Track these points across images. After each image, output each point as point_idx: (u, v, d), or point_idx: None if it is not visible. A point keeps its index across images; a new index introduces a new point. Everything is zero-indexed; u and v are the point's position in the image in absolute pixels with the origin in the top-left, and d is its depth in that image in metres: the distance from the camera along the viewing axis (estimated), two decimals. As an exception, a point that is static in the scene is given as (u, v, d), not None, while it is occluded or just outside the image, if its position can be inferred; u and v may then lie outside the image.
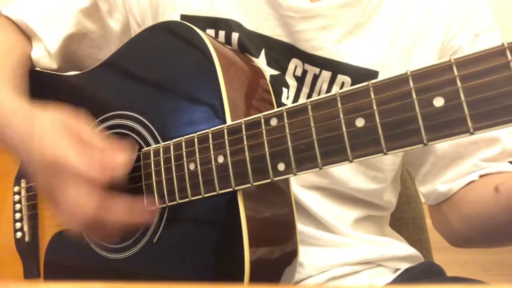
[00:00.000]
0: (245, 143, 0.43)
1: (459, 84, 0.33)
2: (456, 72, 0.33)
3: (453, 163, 0.56)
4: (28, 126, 0.46)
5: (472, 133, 0.32)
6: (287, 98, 0.55)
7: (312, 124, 0.39)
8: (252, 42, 0.55)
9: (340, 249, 0.57)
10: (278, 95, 0.55)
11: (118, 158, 0.44)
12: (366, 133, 0.36)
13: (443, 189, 0.56)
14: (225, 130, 0.44)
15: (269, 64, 0.55)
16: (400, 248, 0.61)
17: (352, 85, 0.53)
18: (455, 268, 0.63)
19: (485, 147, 0.55)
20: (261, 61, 0.55)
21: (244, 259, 0.44)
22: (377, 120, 0.36)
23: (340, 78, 0.54)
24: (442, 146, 0.56)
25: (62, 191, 0.43)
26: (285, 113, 0.41)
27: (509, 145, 0.55)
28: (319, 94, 0.55)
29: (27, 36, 0.64)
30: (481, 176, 0.54)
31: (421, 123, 0.34)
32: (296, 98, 0.56)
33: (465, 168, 0.55)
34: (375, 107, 0.36)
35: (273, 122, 0.41)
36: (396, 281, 0.56)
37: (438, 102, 0.34)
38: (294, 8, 0.53)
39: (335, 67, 0.54)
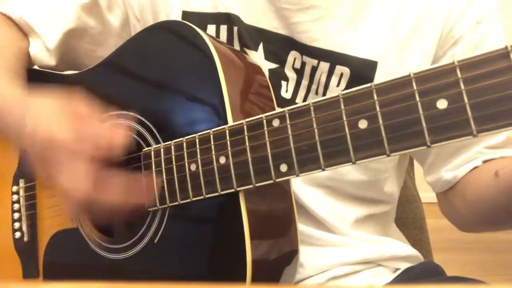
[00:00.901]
0: (247, 144, 0.43)
1: (462, 86, 0.33)
2: (459, 75, 0.33)
3: (457, 152, 0.56)
4: (22, 110, 0.46)
5: (475, 136, 0.33)
6: (286, 91, 0.55)
7: (314, 126, 0.39)
8: (251, 36, 0.55)
9: (340, 249, 0.57)
10: (277, 88, 0.55)
11: (114, 134, 0.43)
12: (369, 135, 0.37)
13: (448, 176, 0.57)
14: (227, 131, 0.44)
15: (268, 57, 0.55)
16: (400, 248, 0.61)
17: (351, 75, 0.54)
18: (455, 268, 0.63)
19: (491, 136, 0.55)
20: (259, 55, 0.55)
21: (246, 260, 0.44)
22: (380, 122, 0.36)
23: (339, 69, 0.54)
24: None
25: (56, 168, 0.42)
26: (287, 114, 0.41)
27: None
28: (318, 86, 0.55)
29: (25, 33, 0.63)
30: (485, 161, 0.55)
31: (424, 125, 0.34)
32: (295, 91, 0.55)
33: (468, 156, 0.55)
34: (378, 109, 0.36)
35: (275, 123, 0.41)
36: (396, 281, 0.57)
37: (442, 104, 0.34)
38: (290, 0, 0.53)
39: (334, 58, 0.54)
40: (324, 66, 0.54)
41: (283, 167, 0.41)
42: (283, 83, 0.55)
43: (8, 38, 0.61)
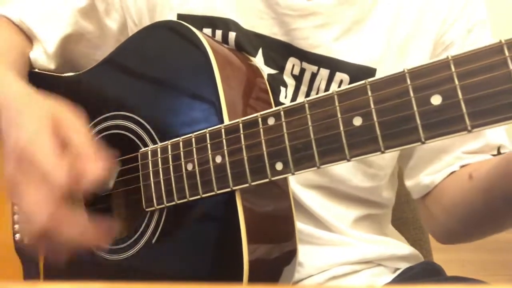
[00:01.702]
0: (242, 142, 0.43)
1: (456, 82, 0.33)
2: (453, 69, 0.33)
3: (437, 157, 0.56)
4: (16, 106, 0.45)
5: (470, 131, 0.32)
6: (285, 97, 0.55)
7: (309, 123, 0.39)
8: (249, 41, 0.55)
9: (340, 248, 0.57)
10: (276, 94, 0.55)
11: (94, 170, 0.40)
12: (363, 132, 0.36)
13: (426, 181, 0.57)
14: (223, 130, 0.44)
15: (267, 63, 0.55)
16: (399, 248, 0.60)
17: (350, 83, 0.54)
18: (455, 268, 0.62)
19: (470, 141, 0.55)
20: (258, 61, 0.55)
21: (243, 259, 0.43)
22: (375, 118, 0.36)
23: (339, 76, 0.54)
24: None
25: (23, 188, 0.40)
26: (282, 112, 0.41)
27: (492, 140, 0.55)
28: (317, 92, 0.55)
29: (27, 36, 0.64)
30: (462, 166, 0.55)
31: (418, 121, 0.34)
32: (294, 97, 0.55)
33: (447, 161, 0.56)
34: (372, 106, 0.36)
35: (271, 121, 0.41)
36: (395, 280, 0.56)
37: (436, 100, 0.33)
38: (291, 6, 0.53)
39: (333, 65, 0.54)
40: (324, 72, 0.54)
41: (279, 166, 0.41)
42: (282, 88, 0.55)
43: (12, 41, 0.61)
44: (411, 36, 0.55)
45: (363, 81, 0.37)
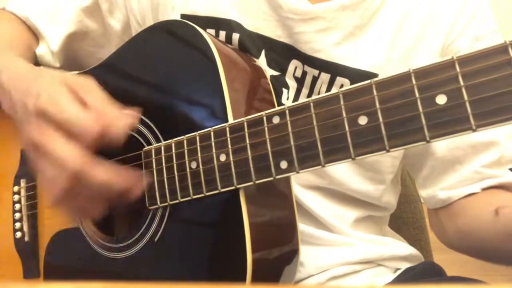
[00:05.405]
0: (247, 141, 0.43)
1: (461, 81, 0.33)
2: (458, 69, 0.33)
3: (452, 168, 0.56)
4: (28, 78, 0.45)
5: (474, 130, 0.33)
6: (287, 98, 0.55)
7: (314, 122, 0.39)
8: (253, 42, 0.55)
9: (340, 249, 0.57)
10: (278, 95, 0.55)
11: (119, 123, 0.40)
12: (368, 131, 0.37)
13: (443, 196, 0.57)
14: (227, 128, 0.44)
15: (269, 64, 0.55)
16: (400, 248, 0.61)
17: None
18: (455, 268, 0.63)
19: (484, 151, 0.55)
20: (261, 62, 0.55)
21: (246, 258, 0.44)
22: (380, 118, 0.36)
23: (339, 80, 0.54)
24: (441, 149, 0.56)
25: (49, 142, 0.39)
26: (287, 111, 0.41)
27: (508, 150, 0.55)
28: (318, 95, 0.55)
29: (33, 33, 0.64)
30: (483, 189, 0.54)
31: (423, 121, 0.34)
32: (296, 99, 0.56)
33: (464, 175, 0.55)
34: (377, 105, 0.36)
35: (275, 120, 0.41)
36: (396, 281, 0.56)
37: (441, 99, 0.34)
38: (293, 10, 0.53)
39: (334, 70, 0.54)
40: (325, 77, 0.54)
41: (283, 164, 0.41)
42: (284, 90, 0.55)
43: (20, 35, 0.62)
44: (416, 43, 0.55)
45: (368, 81, 0.37)
